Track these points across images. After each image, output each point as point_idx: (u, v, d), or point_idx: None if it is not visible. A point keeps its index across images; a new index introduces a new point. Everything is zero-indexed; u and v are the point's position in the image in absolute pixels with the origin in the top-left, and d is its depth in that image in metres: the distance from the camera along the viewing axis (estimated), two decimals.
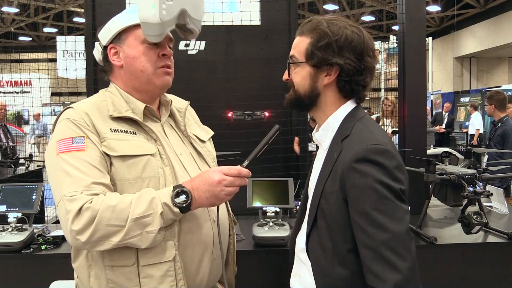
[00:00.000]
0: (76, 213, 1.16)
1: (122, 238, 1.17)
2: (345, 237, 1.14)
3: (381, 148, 1.11)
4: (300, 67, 1.24)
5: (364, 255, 1.09)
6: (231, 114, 3.50)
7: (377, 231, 1.06)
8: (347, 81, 1.20)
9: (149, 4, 1.26)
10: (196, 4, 1.35)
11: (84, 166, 1.22)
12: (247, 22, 3.62)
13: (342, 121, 1.23)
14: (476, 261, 1.99)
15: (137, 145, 1.30)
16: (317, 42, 1.20)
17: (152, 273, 1.24)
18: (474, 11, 16.35)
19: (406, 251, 1.05)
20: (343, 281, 1.15)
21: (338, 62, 1.18)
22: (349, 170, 1.11)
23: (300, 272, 1.31)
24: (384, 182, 1.08)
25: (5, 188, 2.12)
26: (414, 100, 2.77)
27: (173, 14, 1.28)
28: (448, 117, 12.26)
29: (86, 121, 1.28)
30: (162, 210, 1.19)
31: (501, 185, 4.09)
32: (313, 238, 1.22)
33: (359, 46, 1.19)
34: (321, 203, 1.19)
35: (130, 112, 1.34)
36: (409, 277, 1.04)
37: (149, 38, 1.31)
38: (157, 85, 1.38)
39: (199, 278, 1.33)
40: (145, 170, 1.28)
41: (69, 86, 4.77)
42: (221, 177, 1.23)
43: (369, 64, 1.21)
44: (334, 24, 1.20)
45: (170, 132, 1.44)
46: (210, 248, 1.36)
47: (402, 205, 1.09)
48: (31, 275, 1.97)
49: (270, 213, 2.02)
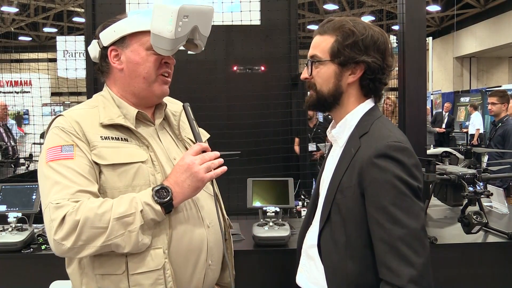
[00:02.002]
0: (59, 221, 1.16)
1: (105, 240, 1.17)
2: (359, 232, 1.16)
3: (401, 145, 1.14)
4: (324, 65, 1.25)
5: (379, 249, 1.10)
6: (235, 68, 3.73)
7: (394, 226, 1.08)
8: (371, 79, 1.23)
9: (166, 19, 1.24)
10: (206, 21, 1.35)
11: (71, 175, 1.22)
12: (247, 22, 3.62)
13: (360, 119, 1.25)
14: (476, 261, 1.99)
15: (128, 152, 1.30)
16: (344, 40, 1.21)
17: (142, 282, 1.24)
18: (474, 11, 16.34)
19: (421, 247, 1.08)
20: (355, 276, 1.16)
21: (365, 60, 1.21)
22: (368, 165, 1.13)
23: (308, 268, 1.32)
24: (403, 178, 1.10)
25: (5, 188, 2.12)
26: (414, 100, 2.77)
27: (186, 31, 1.28)
28: (448, 117, 12.27)
29: (76, 129, 1.28)
30: (142, 208, 1.19)
31: (502, 184, 4.08)
32: (326, 234, 1.23)
33: (382, 46, 1.23)
34: (337, 198, 1.20)
35: (121, 118, 1.34)
36: (423, 273, 1.06)
37: (158, 50, 1.31)
38: (156, 93, 1.38)
39: (193, 285, 1.33)
40: (135, 178, 1.27)
41: (69, 86, 4.78)
42: (190, 159, 1.24)
43: (390, 63, 1.25)
44: (358, 23, 1.23)
45: (164, 136, 1.43)
46: (204, 254, 1.35)
47: (418, 202, 1.12)
48: (31, 275, 1.97)
49: (270, 213, 2.02)
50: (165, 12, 1.24)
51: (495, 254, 2.01)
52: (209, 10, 1.34)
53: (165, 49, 1.29)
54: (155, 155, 1.33)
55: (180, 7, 1.23)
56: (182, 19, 1.25)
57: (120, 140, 1.31)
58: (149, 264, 1.24)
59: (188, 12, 1.25)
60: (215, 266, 1.42)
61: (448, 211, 2.57)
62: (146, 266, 1.24)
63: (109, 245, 1.18)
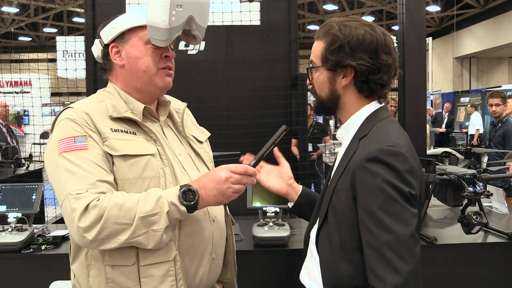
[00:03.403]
0: (82, 210, 1.15)
1: (129, 236, 1.17)
2: (352, 235, 1.15)
3: (394, 150, 1.12)
4: (318, 71, 1.26)
5: (367, 254, 1.10)
6: None
7: (381, 232, 1.07)
8: (364, 81, 1.21)
9: (159, 9, 1.26)
10: (203, 11, 1.35)
11: (88, 165, 1.21)
12: (247, 22, 3.62)
13: (364, 121, 1.24)
14: (476, 261, 1.99)
15: (138, 145, 1.30)
16: (329, 46, 1.21)
17: (153, 273, 1.24)
18: (474, 11, 16.35)
19: (408, 254, 1.05)
20: (347, 277, 1.16)
21: (350, 63, 1.19)
22: (360, 169, 1.13)
23: (310, 265, 1.33)
24: (392, 183, 1.08)
25: (5, 188, 2.12)
26: (414, 100, 2.77)
27: (181, 21, 1.29)
28: (448, 117, 12.28)
29: (86, 121, 1.28)
30: (168, 209, 1.19)
31: (504, 185, 4.08)
32: (323, 233, 1.24)
33: (372, 45, 1.19)
34: (333, 199, 1.21)
35: (129, 112, 1.34)
36: (409, 281, 1.04)
37: (155, 42, 1.32)
38: (158, 86, 1.38)
39: (198, 278, 1.33)
40: (145, 170, 1.28)
41: (69, 86, 4.78)
42: (228, 175, 1.23)
43: (385, 61, 1.21)
44: (345, 26, 1.21)
45: (168, 133, 1.44)
46: (209, 247, 1.36)
47: (410, 208, 1.09)
48: (31, 275, 1.97)
49: (270, 213, 2.02)
50: (158, 2, 1.26)
51: (495, 254, 2.01)
52: (204, 0, 1.35)
53: (160, 40, 1.30)
54: (162, 150, 1.34)
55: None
56: (176, 9, 1.26)
57: (129, 133, 1.32)
58: (161, 255, 1.24)
59: (181, 1, 1.27)
60: (219, 261, 1.43)
61: (448, 211, 2.57)
62: (157, 257, 1.24)
63: (132, 242, 1.18)
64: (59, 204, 1.24)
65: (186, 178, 1.35)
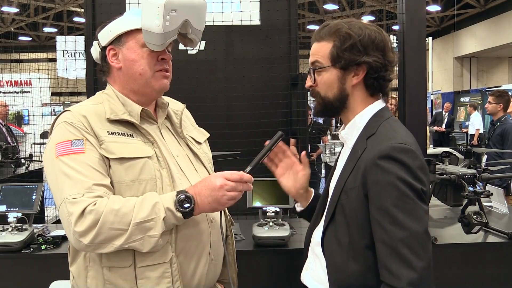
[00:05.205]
0: (79, 215, 1.16)
1: (124, 242, 1.18)
2: (362, 233, 1.16)
3: (405, 147, 1.13)
4: (326, 71, 1.26)
5: (380, 251, 1.10)
6: None
7: (395, 228, 1.08)
8: (375, 78, 1.23)
9: (153, 14, 1.25)
10: (199, 15, 1.34)
11: (84, 169, 1.22)
12: (247, 22, 3.62)
13: (369, 120, 1.25)
14: (476, 261, 1.99)
15: (135, 147, 1.31)
16: (341, 45, 1.22)
17: (149, 275, 1.24)
18: (474, 11, 16.35)
19: (422, 250, 1.07)
20: (357, 276, 1.16)
21: (366, 60, 1.21)
22: (372, 167, 1.13)
23: (313, 266, 1.33)
24: (406, 180, 1.10)
25: (5, 188, 2.12)
26: (414, 100, 2.77)
27: (176, 25, 1.28)
28: (448, 117, 12.27)
29: (84, 124, 1.28)
30: (164, 215, 1.20)
31: (502, 183, 4.08)
32: (330, 233, 1.24)
33: (381, 43, 1.23)
34: (341, 198, 1.21)
35: (127, 115, 1.35)
36: (424, 276, 1.06)
37: (150, 46, 1.31)
38: (155, 88, 1.38)
39: (196, 279, 1.33)
40: (142, 172, 1.28)
41: (69, 86, 4.78)
42: (223, 182, 1.23)
43: (391, 58, 1.25)
44: (353, 25, 1.23)
45: (166, 134, 1.44)
46: (207, 248, 1.36)
47: (422, 205, 1.11)
48: (31, 275, 1.97)
49: (270, 213, 2.02)
50: (152, 7, 1.26)
51: (495, 254, 2.01)
52: (200, 3, 1.34)
53: (155, 44, 1.30)
54: (160, 152, 1.34)
55: (165, 1, 1.24)
56: (170, 13, 1.25)
57: (126, 135, 1.32)
58: (157, 257, 1.25)
59: (175, 6, 1.26)
60: (217, 261, 1.43)
61: (448, 211, 2.57)
62: (154, 260, 1.24)
63: (127, 246, 1.19)
64: (56, 208, 1.25)
65: (183, 180, 1.36)
